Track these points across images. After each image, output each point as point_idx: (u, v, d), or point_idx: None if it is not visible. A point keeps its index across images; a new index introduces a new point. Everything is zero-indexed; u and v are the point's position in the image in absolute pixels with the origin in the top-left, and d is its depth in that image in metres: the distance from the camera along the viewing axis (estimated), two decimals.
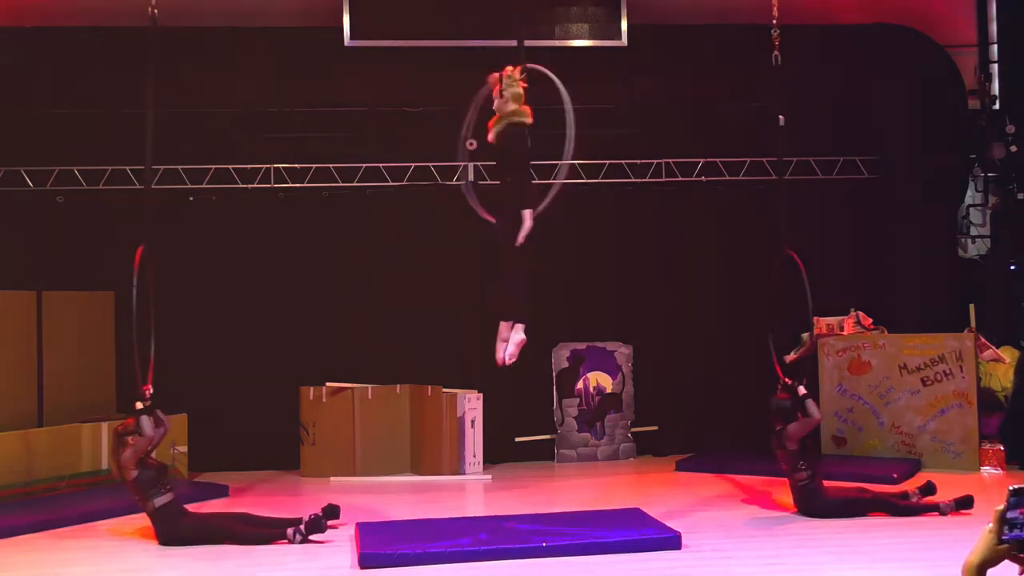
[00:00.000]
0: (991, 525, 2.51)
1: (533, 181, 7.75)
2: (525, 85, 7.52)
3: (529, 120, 7.44)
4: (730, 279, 11.76)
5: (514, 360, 7.48)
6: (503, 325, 7.51)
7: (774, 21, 8.72)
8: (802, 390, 8.33)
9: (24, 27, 11.04)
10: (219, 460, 10.81)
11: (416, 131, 11.41)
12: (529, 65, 7.74)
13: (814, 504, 8.18)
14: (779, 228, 8.77)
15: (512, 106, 7.41)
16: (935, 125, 11.84)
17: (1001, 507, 2.49)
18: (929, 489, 8.41)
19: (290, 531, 7.63)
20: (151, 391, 7.77)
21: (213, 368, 11.06)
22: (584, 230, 11.78)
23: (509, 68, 7.53)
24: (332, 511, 8.04)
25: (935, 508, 8.12)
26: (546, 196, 7.85)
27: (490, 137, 7.50)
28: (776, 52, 8.77)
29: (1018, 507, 2.47)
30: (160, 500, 7.60)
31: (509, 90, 7.42)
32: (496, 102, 7.52)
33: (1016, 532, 2.47)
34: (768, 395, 8.57)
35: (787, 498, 8.64)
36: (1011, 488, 2.47)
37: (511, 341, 7.42)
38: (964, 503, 8.08)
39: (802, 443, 8.17)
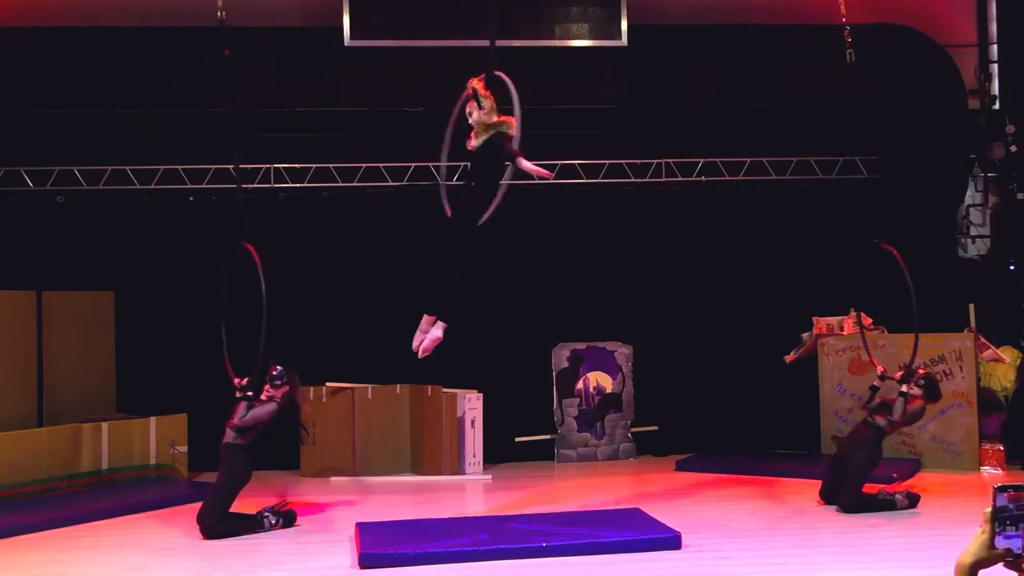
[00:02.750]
0: (983, 526, 2.51)
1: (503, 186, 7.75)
2: (488, 93, 7.45)
3: (514, 133, 7.40)
4: (730, 279, 11.77)
5: (427, 355, 7.44)
6: (426, 318, 7.55)
7: (843, 20, 8.67)
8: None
9: (24, 27, 11.04)
10: (218, 460, 10.78)
11: (416, 131, 11.41)
12: (496, 73, 7.70)
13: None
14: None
15: (494, 118, 7.39)
16: (935, 125, 11.84)
17: (989, 509, 2.49)
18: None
19: (269, 519, 8.03)
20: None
21: (213, 368, 11.04)
22: (584, 230, 11.79)
23: (474, 82, 7.48)
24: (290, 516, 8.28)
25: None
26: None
27: (473, 144, 7.49)
28: (849, 51, 8.76)
29: (1005, 491, 2.48)
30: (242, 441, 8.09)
31: (486, 103, 7.40)
32: (476, 114, 7.48)
33: (1009, 534, 2.47)
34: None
35: (787, 497, 8.67)
36: (996, 486, 2.48)
37: (428, 336, 7.48)
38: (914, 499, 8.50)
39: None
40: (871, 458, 8.47)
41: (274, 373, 8.26)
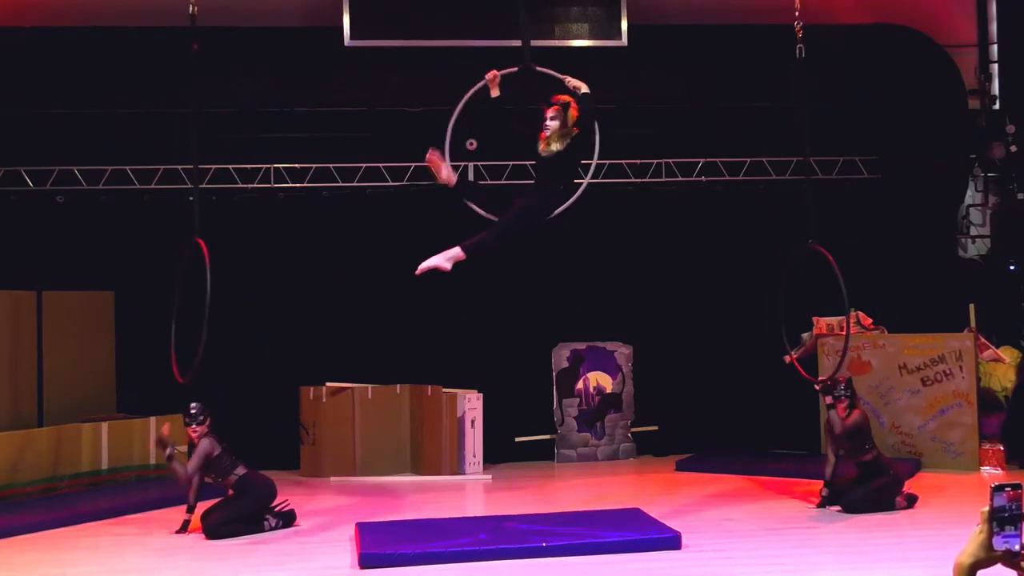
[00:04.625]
0: (980, 526, 2.51)
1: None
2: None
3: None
4: (730, 279, 11.77)
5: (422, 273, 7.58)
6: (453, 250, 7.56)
7: (796, 14, 8.67)
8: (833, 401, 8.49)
9: (24, 27, 11.04)
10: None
11: (416, 131, 11.41)
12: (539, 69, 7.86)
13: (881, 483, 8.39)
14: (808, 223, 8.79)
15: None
16: (935, 125, 11.85)
17: (986, 508, 2.49)
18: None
19: (269, 522, 8.04)
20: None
21: (213, 368, 11.04)
22: (584, 230, 11.77)
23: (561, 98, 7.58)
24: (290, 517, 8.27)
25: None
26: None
27: (545, 150, 7.55)
28: (800, 45, 8.72)
29: (1002, 491, 2.47)
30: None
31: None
32: (554, 124, 7.55)
33: (1007, 534, 2.46)
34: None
35: (787, 497, 8.67)
36: (993, 486, 2.48)
37: (439, 259, 7.56)
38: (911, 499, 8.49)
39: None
40: (897, 488, 8.52)
41: (193, 411, 8.03)
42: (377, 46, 11.13)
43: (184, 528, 7.93)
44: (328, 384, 10.90)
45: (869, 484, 8.33)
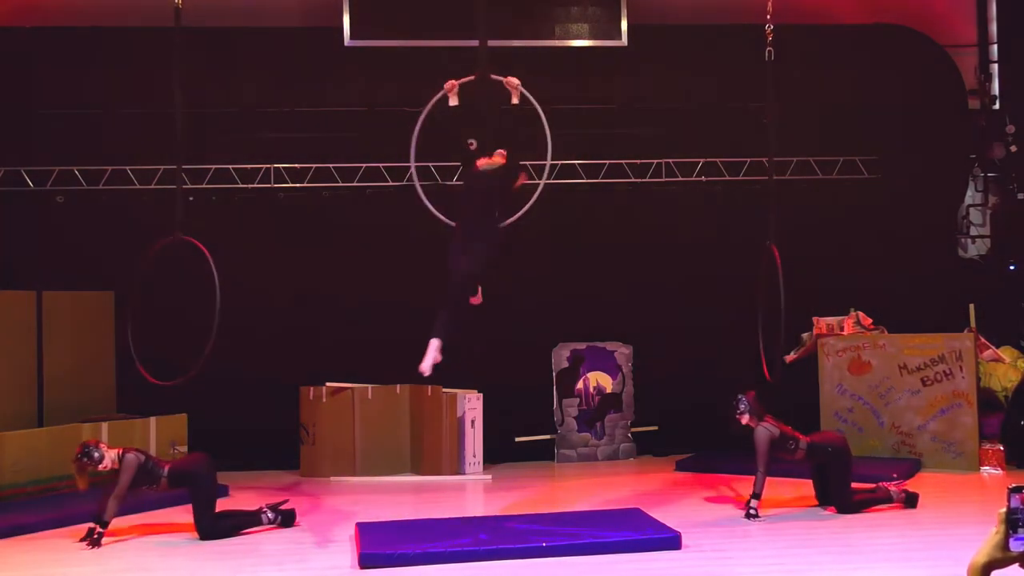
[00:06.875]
0: (997, 527, 2.51)
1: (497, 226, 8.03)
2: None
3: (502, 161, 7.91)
4: (730, 279, 11.75)
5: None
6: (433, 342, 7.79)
7: (768, 16, 8.74)
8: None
9: (24, 27, 11.05)
10: (219, 460, 10.76)
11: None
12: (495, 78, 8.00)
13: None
14: (768, 224, 8.88)
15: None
16: (935, 125, 11.85)
17: (1003, 510, 2.49)
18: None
19: (267, 515, 8.07)
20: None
21: (213, 368, 11.04)
22: (584, 230, 11.78)
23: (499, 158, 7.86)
24: (289, 516, 8.24)
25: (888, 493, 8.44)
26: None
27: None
28: (769, 48, 8.80)
29: (1018, 492, 2.47)
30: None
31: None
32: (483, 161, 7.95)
33: (1022, 536, 2.46)
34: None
35: (786, 497, 8.69)
36: (1010, 488, 2.48)
37: (431, 356, 7.80)
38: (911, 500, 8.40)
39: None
40: (847, 463, 8.47)
41: (86, 460, 7.65)
42: (377, 46, 11.13)
43: (97, 540, 7.56)
44: (328, 384, 10.90)
45: (836, 483, 8.32)
